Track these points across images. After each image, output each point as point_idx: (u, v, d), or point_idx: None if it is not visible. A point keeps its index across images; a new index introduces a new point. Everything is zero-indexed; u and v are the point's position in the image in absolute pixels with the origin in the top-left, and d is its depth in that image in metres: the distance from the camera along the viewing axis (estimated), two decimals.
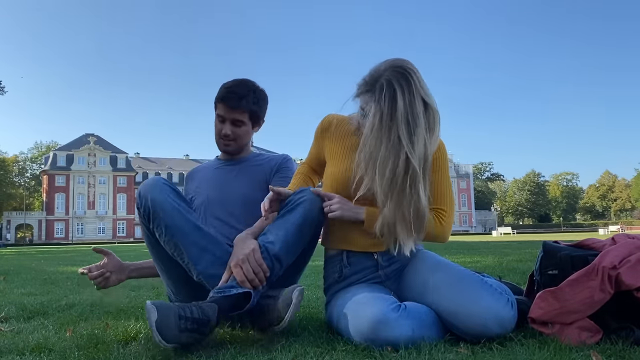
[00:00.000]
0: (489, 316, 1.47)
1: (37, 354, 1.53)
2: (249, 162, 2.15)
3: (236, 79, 2.08)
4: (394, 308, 1.50)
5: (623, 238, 1.64)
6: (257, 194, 1.97)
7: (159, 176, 1.81)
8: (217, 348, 1.52)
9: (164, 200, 1.69)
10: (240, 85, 2.04)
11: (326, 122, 1.88)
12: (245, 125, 2.06)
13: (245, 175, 2.10)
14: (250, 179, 2.08)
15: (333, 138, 1.84)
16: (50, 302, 2.89)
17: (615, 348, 1.36)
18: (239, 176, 2.10)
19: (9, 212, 71.61)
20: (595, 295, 1.46)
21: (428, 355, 1.34)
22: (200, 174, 2.21)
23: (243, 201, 2.02)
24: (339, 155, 1.80)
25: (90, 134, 76.43)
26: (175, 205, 1.70)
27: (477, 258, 6.59)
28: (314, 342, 1.55)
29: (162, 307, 1.43)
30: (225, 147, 2.09)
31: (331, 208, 1.67)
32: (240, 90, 2.02)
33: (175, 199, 1.72)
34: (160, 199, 1.69)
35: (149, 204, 1.69)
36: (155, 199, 1.69)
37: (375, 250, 1.75)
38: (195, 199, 2.09)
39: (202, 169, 2.24)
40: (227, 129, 2.04)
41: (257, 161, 2.16)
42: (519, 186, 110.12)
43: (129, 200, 75.29)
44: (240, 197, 2.03)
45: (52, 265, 7.71)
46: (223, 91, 2.02)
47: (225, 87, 2.03)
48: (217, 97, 2.04)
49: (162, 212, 1.68)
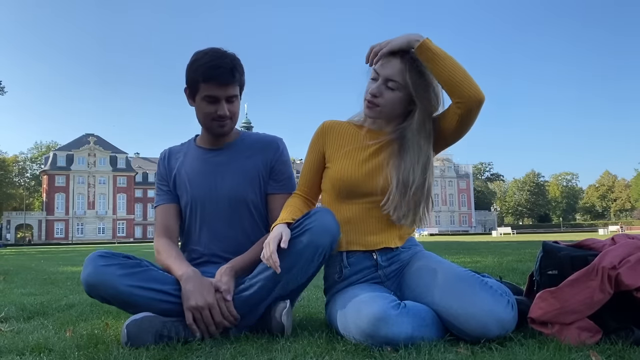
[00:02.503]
0: (489, 318, 1.47)
1: (37, 354, 1.52)
2: (237, 151, 1.95)
3: (207, 51, 1.81)
4: (394, 306, 1.50)
5: (623, 238, 1.63)
6: (248, 193, 1.91)
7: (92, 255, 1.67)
8: (217, 348, 1.52)
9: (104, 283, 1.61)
10: (219, 57, 1.78)
11: (327, 125, 1.87)
12: (237, 100, 1.86)
13: (237, 171, 1.92)
14: (242, 175, 1.91)
15: (335, 139, 1.83)
16: (50, 302, 2.89)
17: (615, 348, 1.36)
18: (229, 172, 1.92)
19: (8, 212, 71.60)
20: (595, 295, 1.45)
21: (428, 356, 1.34)
22: (182, 165, 1.97)
23: (234, 201, 1.90)
24: (343, 155, 1.79)
25: (90, 134, 76.39)
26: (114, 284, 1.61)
27: (477, 258, 6.59)
28: (314, 342, 1.55)
29: (139, 329, 1.57)
30: (222, 128, 1.86)
31: None
32: (225, 63, 1.77)
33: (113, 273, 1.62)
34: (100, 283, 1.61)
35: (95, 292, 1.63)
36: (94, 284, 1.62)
37: (374, 249, 1.75)
38: (181, 196, 1.94)
39: (182, 156, 1.99)
40: (224, 109, 1.81)
41: (247, 150, 1.95)
42: (518, 186, 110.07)
43: (128, 200, 75.30)
44: (231, 197, 1.90)
45: (52, 266, 7.71)
46: (206, 69, 1.76)
47: (206, 64, 1.77)
48: (197, 77, 1.78)
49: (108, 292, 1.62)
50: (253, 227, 1.93)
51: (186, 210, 1.95)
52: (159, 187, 2.00)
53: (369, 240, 1.75)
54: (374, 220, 1.75)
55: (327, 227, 1.64)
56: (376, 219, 1.75)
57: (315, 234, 1.61)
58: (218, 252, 1.90)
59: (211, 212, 1.91)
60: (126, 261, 1.67)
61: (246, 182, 1.91)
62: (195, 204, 1.92)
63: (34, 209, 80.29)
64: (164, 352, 1.47)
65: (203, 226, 1.92)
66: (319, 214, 1.65)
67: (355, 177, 1.74)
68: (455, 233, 72.27)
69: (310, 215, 1.66)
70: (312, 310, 2.31)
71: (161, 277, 1.70)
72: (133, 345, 1.55)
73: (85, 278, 1.62)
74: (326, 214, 1.66)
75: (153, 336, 1.57)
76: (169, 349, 1.50)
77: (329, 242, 1.64)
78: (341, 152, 1.80)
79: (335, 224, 1.66)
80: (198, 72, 1.78)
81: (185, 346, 1.53)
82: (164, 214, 1.95)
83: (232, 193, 1.90)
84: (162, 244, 1.87)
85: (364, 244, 1.75)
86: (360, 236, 1.75)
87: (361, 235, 1.75)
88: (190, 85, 1.83)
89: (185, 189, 1.94)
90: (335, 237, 1.67)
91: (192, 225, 1.94)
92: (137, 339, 1.56)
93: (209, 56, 1.79)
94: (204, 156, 1.95)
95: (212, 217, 1.91)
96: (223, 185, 1.91)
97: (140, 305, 1.64)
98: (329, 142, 1.84)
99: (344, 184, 1.75)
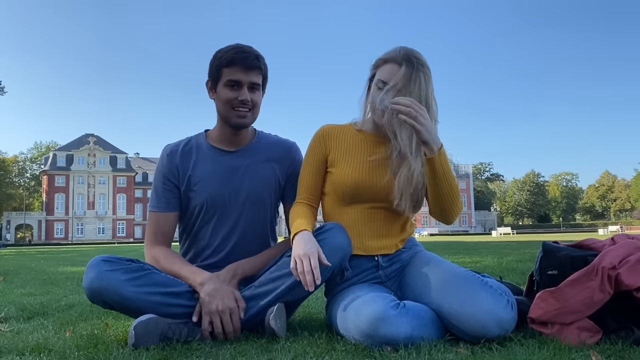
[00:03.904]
0: (488, 317, 1.47)
1: (37, 354, 1.52)
2: (254, 154, 1.92)
3: (231, 45, 1.82)
4: (393, 306, 1.50)
5: (623, 238, 1.64)
6: (265, 196, 1.91)
7: (93, 260, 1.66)
8: (217, 348, 1.52)
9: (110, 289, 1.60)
10: (244, 46, 1.81)
11: (327, 130, 1.86)
12: (259, 92, 1.83)
13: (255, 175, 1.90)
14: (260, 179, 1.91)
15: (338, 144, 1.82)
16: (50, 302, 2.89)
17: (615, 348, 1.36)
18: (248, 175, 1.90)
19: (8, 212, 71.67)
20: (595, 295, 1.45)
21: (428, 356, 1.34)
22: (196, 165, 1.90)
23: (252, 203, 1.90)
24: (347, 160, 1.79)
25: (90, 134, 76.48)
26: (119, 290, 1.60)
27: (476, 258, 6.59)
28: (314, 342, 1.55)
29: (145, 330, 1.55)
30: (241, 118, 1.81)
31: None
32: (250, 50, 1.80)
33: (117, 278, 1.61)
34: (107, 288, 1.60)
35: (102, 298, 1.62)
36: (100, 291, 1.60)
37: (376, 254, 1.76)
38: (193, 198, 1.89)
39: (194, 155, 1.91)
40: (246, 94, 1.77)
41: (264, 154, 1.93)
42: (518, 186, 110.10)
43: (128, 200, 75.33)
44: (249, 200, 1.89)
45: (51, 266, 7.71)
46: (231, 54, 1.76)
47: (230, 51, 1.78)
48: (222, 62, 1.77)
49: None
50: (266, 229, 1.96)
51: (198, 213, 1.90)
52: (163, 188, 1.90)
53: (369, 245, 1.76)
54: (375, 225, 1.76)
55: (339, 246, 1.64)
56: (378, 224, 1.76)
57: (326, 252, 1.59)
58: (232, 254, 1.88)
59: (228, 214, 1.90)
60: (130, 265, 1.65)
61: (264, 186, 1.92)
62: (211, 207, 1.89)
63: (33, 209, 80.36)
64: (164, 352, 1.47)
65: (217, 228, 1.90)
66: (332, 232, 1.65)
67: (360, 182, 1.74)
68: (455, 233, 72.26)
69: (323, 231, 1.66)
70: (312, 310, 2.32)
71: (165, 280, 1.69)
72: (140, 346, 1.54)
73: (89, 283, 1.61)
74: (339, 231, 1.66)
75: (158, 337, 1.57)
76: (168, 349, 1.50)
77: (338, 261, 1.64)
78: (345, 157, 1.80)
79: (347, 242, 1.66)
80: (222, 58, 1.78)
81: (185, 346, 1.54)
82: (161, 221, 1.90)
83: (250, 196, 1.90)
84: (160, 251, 1.85)
85: (365, 249, 1.75)
86: (361, 241, 1.75)
87: (362, 240, 1.75)
88: (213, 73, 1.82)
89: (200, 190, 1.88)
90: (346, 256, 1.67)
91: (204, 228, 1.91)
92: (143, 340, 1.55)
93: (233, 46, 1.81)
94: (221, 158, 1.90)
95: (228, 219, 1.90)
96: (242, 188, 1.89)
97: (145, 309, 1.63)
98: (332, 146, 1.83)
99: (348, 188, 1.75)
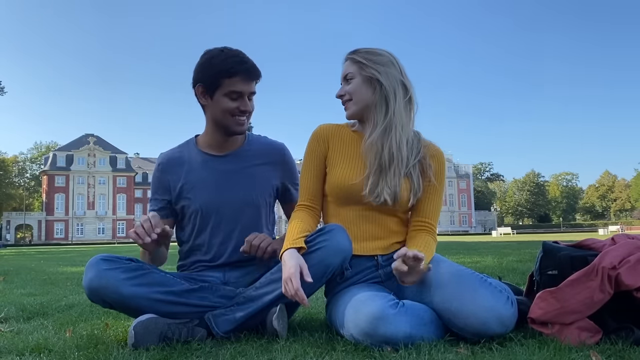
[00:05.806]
0: (489, 314, 1.47)
1: (37, 355, 1.52)
2: (245, 158, 1.92)
3: (221, 49, 1.79)
4: (392, 305, 1.50)
5: (623, 238, 1.64)
6: (259, 199, 1.92)
7: (94, 259, 1.65)
8: (217, 348, 1.52)
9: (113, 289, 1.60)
10: (239, 53, 1.78)
11: (324, 129, 1.85)
12: (253, 98, 1.84)
13: (248, 178, 1.90)
14: (253, 182, 1.90)
15: (335, 143, 1.82)
16: (50, 303, 2.89)
17: (615, 348, 1.37)
18: (241, 179, 1.90)
19: (8, 212, 71.65)
20: (595, 295, 1.45)
21: (428, 356, 1.34)
22: (188, 173, 1.90)
23: (247, 207, 1.90)
24: (342, 161, 1.79)
25: (89, 134, 76.45)
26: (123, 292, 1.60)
27: (476, 258, 6.59)
28: (314, 342, 1.55)
29: (145, 331, 1.55)
30: (240, 126, 1.82)
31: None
32: (248, 58, 1.78)
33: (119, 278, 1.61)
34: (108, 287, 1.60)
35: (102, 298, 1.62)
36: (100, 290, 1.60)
37: (376, 254, 1.76)
38: (187, 206, 1.89)
39: (185, 164, 1.91)
40: (247, 105, 1.79)
41: (255, 157, 1.93)
42: (518, 186, 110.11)
43: (128, 200, 75.30)
44: (244, 203, 1.89)
45: (51, 266, 7.72)
46: (232, 63, 1.73)
47: (230, 60, 1.74)
48: (220, 72, 1.74)
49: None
50: (264, 231, 1.95)
51: (194, 219, 1.90)
52: (155, 198, 1.95)
53: (366, 246, 1.75)
54: (371, 226, 1.76)
55: (339, 247, 1.63)
56: (374, 225, 1.76)
57: (326, 253, 1.59)
58: (232, 258, 1.88)
59: (224, 220, 1.89)
60: (129, 264, 1.65)
61: (258, 190, 1.91)
62: (206, 213, 1.88)
63: (33, 209, 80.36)
64: (164, 352, 1.47)
65: (215, 234, 1.89)
66: (333, 233, 1.64)
67: (353, 183, 1.73)
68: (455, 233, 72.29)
69: (324, 232, 1.65)
70: (312, 310, 2.31)
71: (164, 279, 1.69)
72: (139, 346, 1.54)
73: (88, 282, 1.61)
74: (340, 232, 1.65)
75: (158, 337, 1.57)
76: (168, 349, 1.50)
77: (339, 262, 1.64)
78: (340, 158, 1.80)
79: (348, 243, 1.65)
80: (221, 67, 1.73)
81: (184, 346, 1.54)
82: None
83: (245, 201, 1.89)
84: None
85: (361, 250, 1.75)
86: (358, 242, 1.75)
87: (360, 241, 1.75)
88: (210, 81, 1.77)
89: (194, 198, 1.88)
90: (347, 257, 1.66)
91: (202, 234, 1.91)
92: (143, 340, 1.55)
93: (229, 54, 1.76)
94: (212, 163, 1.90)
95: (224, 225, 1.89)
96: (236, 194, 1.88)
97: (144, 308, 1.63)
98: (330, 146, 1.82)
99: (342, 190, 1.75)
